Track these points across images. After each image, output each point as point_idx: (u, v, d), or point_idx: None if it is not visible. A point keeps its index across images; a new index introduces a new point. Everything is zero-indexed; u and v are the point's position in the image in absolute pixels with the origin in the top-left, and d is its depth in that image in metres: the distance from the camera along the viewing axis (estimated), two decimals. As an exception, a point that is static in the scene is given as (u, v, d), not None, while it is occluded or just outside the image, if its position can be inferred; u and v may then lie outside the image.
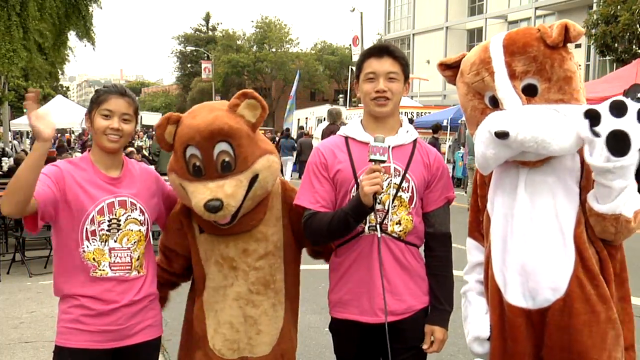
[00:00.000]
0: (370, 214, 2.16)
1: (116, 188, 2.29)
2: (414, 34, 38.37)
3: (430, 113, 19.77)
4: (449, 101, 28.61)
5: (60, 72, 20.55)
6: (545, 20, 29.04)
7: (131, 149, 10.65)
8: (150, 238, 2.41)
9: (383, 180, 2.11)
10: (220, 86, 46.66)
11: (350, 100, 27.29)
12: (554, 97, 1.94)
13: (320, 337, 4.50)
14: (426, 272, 2.34)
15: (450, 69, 2.23)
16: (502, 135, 1.87)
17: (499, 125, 1.88)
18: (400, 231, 2.24)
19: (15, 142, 22.98)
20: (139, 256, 2.31)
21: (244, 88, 2.83)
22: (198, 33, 59.92)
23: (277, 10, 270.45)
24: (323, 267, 2.48)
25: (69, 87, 64.20)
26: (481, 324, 2.16)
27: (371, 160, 2.09)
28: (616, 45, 17.01)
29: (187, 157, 2.17)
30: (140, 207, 2.32)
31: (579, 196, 1.99)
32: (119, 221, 2.26)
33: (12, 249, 7.25)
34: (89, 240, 2.22)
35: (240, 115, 2.20)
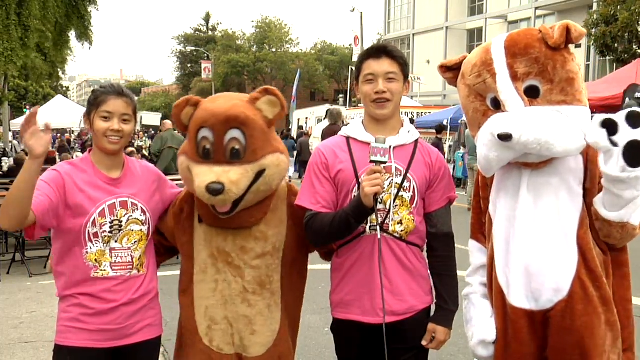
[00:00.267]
0: (372, 214, 2.16)
1: (117, 189, 2.29)
2: (414, 34, 38.38)
3: (430, 113, 19.78)
4: (449, 101, 28.61)
5: (61, 72, 20.52)
6: (545, 21, 29.04)
7: (131, 149, 10.66)
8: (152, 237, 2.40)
9: (384, 181, 2.11)
10: (220, 86, 46.55)
11: (350, 100, 27.30)
12: (557, 98, 1.93)
13: (320, 337, 4.48)
14: (430, 272, 2.34)
15: (451, 71, 2.22)
16: (505, 137, 1.86)
17: (501, 127, 1.88)
18: (401, 231, 2.24)
19: (15, 142, 22.94)
20: (140, 255, 2.31)
21: (244, 88, 2.83)
22: (198, 33, 59.90)
23: (277, 10, 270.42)
24: (323, 267, 2.47)
25: (69, 87, 64.19)
26: (486, 327, 2.14)
27: (372, 162, 2.09)
28: (616, 45, 17.02)
29: (198, 139, 2.18)
30: (141, 207, 2.32)
31: (582, 197, 1.98)
32: (121, 222, 2.26)
33: (12, 249, 7.26)
34: (92, 242, 2.23)
35: (258, 109, 2.22)
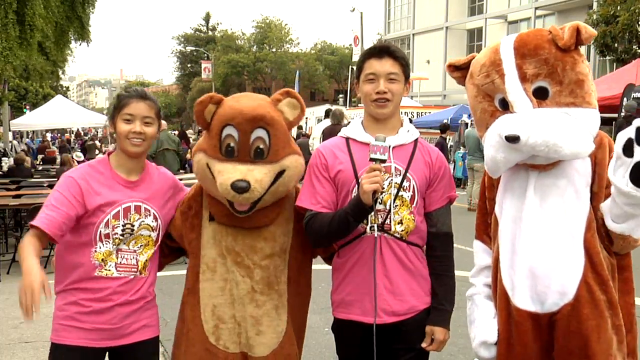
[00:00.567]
0: (371, 214, 2.16)
1: (132, 191, 2.30)
2: (414, 34, 38.36)
3: (430, 113, 19.78)
4: (449, 101, 28.61)
5: (61, 71, 20.48)
6: (545, 21, 29.02)
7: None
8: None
9: (383, 179, 2.11)
10: (220, 86, 46.56)
11: (350, 100, 27.31)
12: (565, 100, 1.91)
13: (320, 337, 4.49)
14: (428, 272, 2.33)
15: (460, 70, 2.21)
16: (512, 139, 1.84)
17: (509, 128, 1.86)
18: (402, 231, 2.24)
19: (15, 142, 22.98)
20: (145, 260, 2.31)
21: (244, 88, 2.83)
22: (198, 33, 59.94)
23: (277, 10, 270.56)
24: (323, 267, 2.47)
25: (69, 87, 64.08)
26: (488, 328, 2.13)
27: (372, 160, 2.09)
28: (616, 45, 17.01)
29: (222, 137, 2.18)
30: (154, 213, 2.33)
31: (589, 200, 1.96)
32: (133, 226, 2.27)
33: (12, 249, 7.26)
34: (102, 242, 2.24)
35: (280, 110, 2.25)
